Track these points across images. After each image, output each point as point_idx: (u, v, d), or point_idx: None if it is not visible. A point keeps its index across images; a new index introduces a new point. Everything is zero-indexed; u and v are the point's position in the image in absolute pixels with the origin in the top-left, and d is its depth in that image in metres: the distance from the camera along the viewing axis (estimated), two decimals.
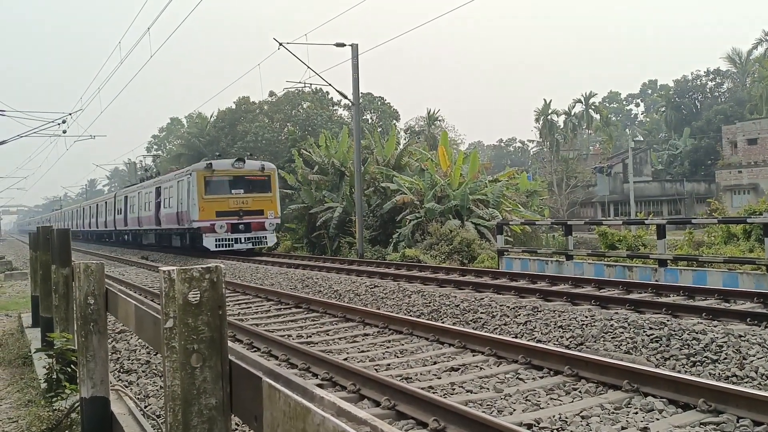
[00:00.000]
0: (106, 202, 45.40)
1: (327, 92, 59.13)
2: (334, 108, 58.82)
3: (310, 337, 9.11)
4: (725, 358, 6.56)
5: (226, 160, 26.96)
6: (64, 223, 64.94)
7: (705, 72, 71.60)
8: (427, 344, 8.12)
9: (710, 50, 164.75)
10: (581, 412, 5.18)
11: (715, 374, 6.27)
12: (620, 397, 5.53)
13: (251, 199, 25.68)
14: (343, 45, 24.14)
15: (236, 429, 4.99)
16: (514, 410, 5.37)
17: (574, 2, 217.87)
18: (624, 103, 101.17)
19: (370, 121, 54.22)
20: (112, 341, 8.82)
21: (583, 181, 52.16)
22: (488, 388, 6.03)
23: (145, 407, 5.50)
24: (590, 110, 66.99)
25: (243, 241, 25.36)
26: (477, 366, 6.93)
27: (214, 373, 1.97)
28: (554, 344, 7.90)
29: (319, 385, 6.14)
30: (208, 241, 24.80)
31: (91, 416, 3.79)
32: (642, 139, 75.81)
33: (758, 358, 6.37)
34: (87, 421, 3.83)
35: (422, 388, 5.73)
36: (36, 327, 8.56)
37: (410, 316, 10.24)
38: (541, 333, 8.49)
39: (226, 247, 24.93)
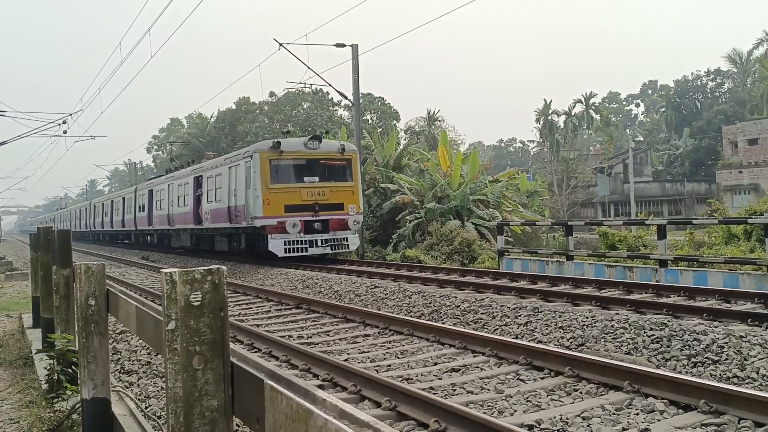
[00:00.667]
0: (123, 198, 39.11)
1: (327, 92, 59.24)
2: (335, 108, 58.87)
3: (311, 337, 9.11)
4: (726, 359, 6.56)
5: (297, 139, 21.35)
6: (70, 223, 60.75)
7: (705, 72, 71.68)
8: (427, 345, 8.12)
9: (711, 50, 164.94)
10: (582, 413, 5.18)
11: (716, 375, 6.27)
12: (621, 398, 5.53)
13: (329, 189, 19.81)
14: (343, 45, 24.15)
15: (238, 431, 4.99)
16: (515, 411, 5.37)
17: (574, 2, 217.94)
18: (624, 103, 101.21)
19: (370, 121, 54.24)
20: (112, 342, 8.82)
21: (583, 182, 52.20)
22: (489, 389, 6.03)
23: (146, 408, 5.50)
24: (590, 110, 67.02)
25: (320, 243, 19.39)
26: (478, 367, 6.93)
27: (216, 375, 1.97)
28: (555, 345, 7.90)
29: (320, 386, 6.14)
30: (276, 245, 18.82)
31: (92, 417, 3.79)
32: (642, 139, 75.81)
33: (759, 359, 6.37)
34: (88, 422, 3.82)
35: (423, 389, 5.73)
36: (37, 328, 8.55)
37: (411, 316, 10.23)
38: (542, 334, 8.48)
39: (298, 252, 19.07)
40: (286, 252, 18.88)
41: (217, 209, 22.34)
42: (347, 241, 19.99)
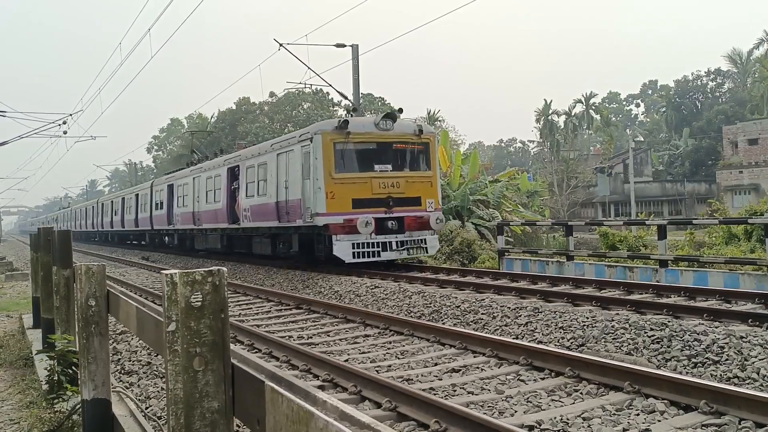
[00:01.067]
0: (137, 195, 35.77)
1: (327, 93, 59.27)
2: (335, 108, 58.87)
3: (311, 338, 9.10)
4: (726, 360, 6.56)
5: (366, 118, 18.31)
6: (75, 223, 58.15)
7: (705, 72, 71.69)
8: (428, 345, 8.12)
9: (711, 50, 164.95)
10: (583, 413, 5.17)
11: (716, 375, 6.26)
12: (622, 399, 5.53)
13: (404, 180, 16.38)
14: (343, 46, 24.15)
15: None
16: (516, 412, 5.36)
17: (574, 2, 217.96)
18: (624, 103, 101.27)
19: None
20: (112, 342, 8.82)
21: (583, 182, 52.22)
22: (489, 390, 6.03)
23: (147, 409, 5.50)
24: (590, 110, 67.04)
25: (394, 246, 15.90)
26: (478, 367, 6.92)
27: (216, 376, 1.97)
28: (555, 345, 7.90)
29: (320, 387, 6.14)
30: (342, 248, 15.44)
31: (93, 418, 3.79)
32: (642, 139, 75.87)
33: (760, 360, 6.36)
34: (88, 423, 3.82)
35: (423, 390, 5.73)
36: (37, 328, 8.55)
37: (411, 317, 10.24)
38: (542, 334, 8.48)
39: (369, 256, 15.60)
40: (354, 257, 15.41)
41: (260, 205, 18.82)
42: (426, 243, 16.40)
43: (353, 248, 15.43)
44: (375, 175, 16.00)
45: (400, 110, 16.84)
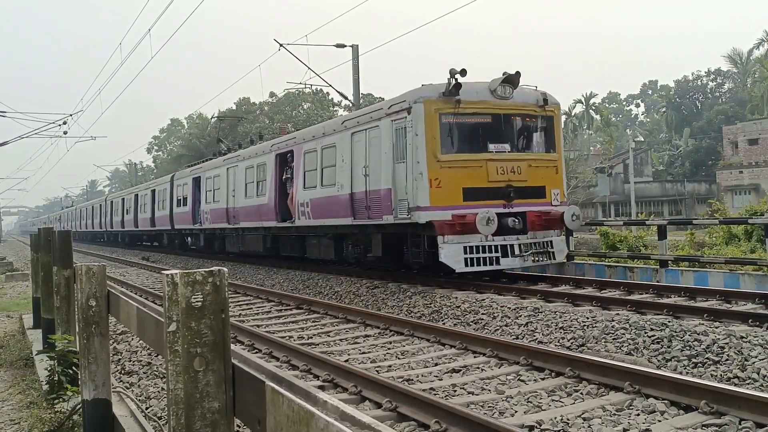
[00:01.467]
0: (153, 191, 32.23)
1: (327, 93, 59.33)
2: (335, 109, 58.91)
3: (311, 338, 9.11)
4: (727, 360, 6.56)
5: (479, 83, 12.90)
6: (80, 223, 55.76)
7: (706, 72, 71.69)
8: (428, 345, 8.12)
9: (711, 50, 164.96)
10: (583, 413, 5.18)
11: (716, 376, 6.26)
12: (622, 399, 5.53)
13: (526, 164, 12.89)
14: (343, 46, 24.18)
15: None
16: (516, 412, 5.37)
17: (574, 2, 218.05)
18: (624, 103, 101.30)
19: None
20: (113, 342, 8.82)
21: (583, 182, 52.20)
22: (490, 390, 6.03)
23: (147, 409, 5.50)
24: (590, 111, 67.07)
25: (517, 251, 12.27)
26: (478, 367, 6.93)
27: (217, 376, 1.97)
28: (555, 345, 7.90)
29: (321, 387, 6.15)
30: (451, 252, 11.83)
31: (93, 418, 3.80)
32: (642, 139, 75.88)
33: (760, 360, 6.36)
34: (89, 424, 3.83)
35: (424, 390, 5.74)
36: (37, 328, 8.56)
37: (411, 317, 10.24)
38: (543, 334, 8.48)
39: (486, 264, 12.02)
40: (467, 264, 11.77)
41: (325, 198, 15.27)
42: (553, 246, 12.81)
43: (465, 253, 11.82)
44: (491, 156, 12.48)
45: (518, 73, 12.76)
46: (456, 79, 12.11)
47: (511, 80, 12.68)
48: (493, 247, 12.00)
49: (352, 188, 14.07)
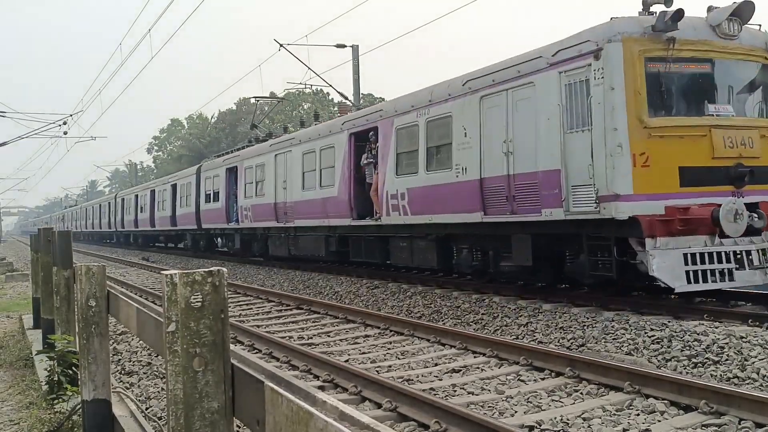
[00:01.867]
0: (174, 186, 28.39)
1: (328, 93, 59.33)
2: (335, 109, 58.90)
3: (311, 338, 9.11)
4: (727, 360, 6.56)
5: (695, 17, 8.90)
6: (86, 222, 53.66)
7: None
8: (428, 346, 8.12)
9: None
10: (583, 413, 5.18)
11: (716, 376, 6.26)
12: (622, 399, 5.53)
13: (758, 132, 9.07)
14: (343, 46, 24.18)
15: None
16: (516, 412, 5.37)
17: (574, 2, 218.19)
18: None
19: None
20: (112, 342, 8.82)
21: None
22: (490, 390, 6.03)
23: (147, 409, 5.50)
24: None
25: (757, 261, 8.64)
26: (478, 367, 6.93)
27: (216, 376, 1.97)
28: (555, 345, 7.90)
29: (321, 387, 6.15)
30: (667, 262, 8.23)
31: (93, 419, 3.80)
32: None
33: (760, 360, 6.36)
34: (89, 424, 3.83)
35: (423, 390, 5.74)
36: (37, 329, 8.56)
37: (411, 317, 10.24)
38: (542, 334, 8.48)
39: (716, 277, 8.41)
40: (689, 280, 8.28)
41: (431, 188, 11.81)
42: None
43: (687, 264, 8.30)
44: (716, 122, 8.84)
45: (750, 2, 8.92)
46: (672, 9, 8.52)
47: (742, 12, 8.96)
48: (724, 254, 8.46)
49: (481, 172, 10.55)
